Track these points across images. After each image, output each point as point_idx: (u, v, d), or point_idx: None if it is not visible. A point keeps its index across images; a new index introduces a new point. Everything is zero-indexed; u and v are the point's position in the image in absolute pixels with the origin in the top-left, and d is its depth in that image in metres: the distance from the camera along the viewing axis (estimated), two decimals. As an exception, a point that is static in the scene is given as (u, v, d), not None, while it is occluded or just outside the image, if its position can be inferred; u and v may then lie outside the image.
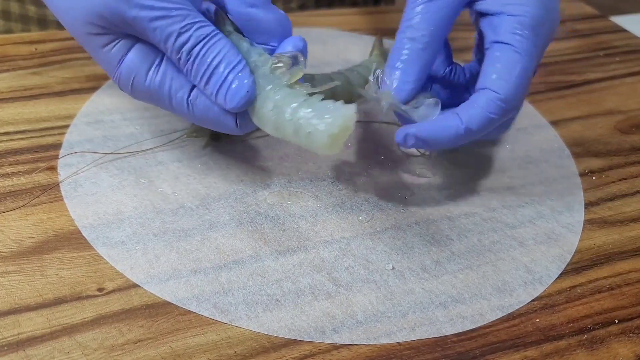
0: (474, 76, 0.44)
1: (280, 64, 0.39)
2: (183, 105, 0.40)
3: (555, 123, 0.56)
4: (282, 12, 0.41)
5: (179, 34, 0.37)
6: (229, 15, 0.40)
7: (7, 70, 0.53)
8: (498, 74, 0.40)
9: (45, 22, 0.65)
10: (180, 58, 0.38)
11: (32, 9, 0.65)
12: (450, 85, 0.45)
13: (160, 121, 0.50)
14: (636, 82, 0.63)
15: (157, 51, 0.39)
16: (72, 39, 0.57)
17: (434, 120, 0.40)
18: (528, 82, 0.41)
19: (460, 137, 0.40)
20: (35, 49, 0.56)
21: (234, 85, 0.38)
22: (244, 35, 0.40)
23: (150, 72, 0.39)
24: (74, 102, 0.51)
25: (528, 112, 0.57)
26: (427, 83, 0.44)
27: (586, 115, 0.57)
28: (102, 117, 0.49)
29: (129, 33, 0.38)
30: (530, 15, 0.40)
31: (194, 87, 0.39)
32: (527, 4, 0.41)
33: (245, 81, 0.38)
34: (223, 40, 0.38)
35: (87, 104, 0.51)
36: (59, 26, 0.65)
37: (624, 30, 0.72)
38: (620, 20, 0.75)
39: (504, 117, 0.41)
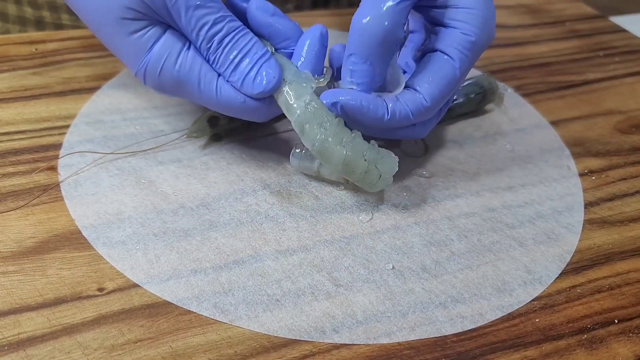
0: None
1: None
2: (212, 88, 0.42)
3: (555, 123, 0.56)
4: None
5: (213, 24, 0.40)
6: (249, 23, 0.43)
7: (8, 71, 0.53)
8: (430, 83, 0.42)
9: (42, 23, 0.65)
10: (210, 47, 0.41)
11: (29, 11, 0.65)
12: None
13: (160, 121, 0.50)
14: (636, 82, 0.63)
15: (184, 38, 0.42)
16: (72, 39, 0.57)
17: (362, 100, 0.41)
18: (453, 92, 0.45)
19: (381, 122, 0.42)
20: (36, 49, 0.56)
21: (263, 72, 0.41)
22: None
23: (181, 56, 0.41)
24: (74, 102, 0.51)
25: (528, 112, 0.57)
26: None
27: (586, 115, 0.57)
28: (102, 117, 0.49)
29: (162, 20, 0.41)
30: (476, 37, 0.43)
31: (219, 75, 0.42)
32: (476, 25, 0.43)
33: (271, 70, 0.41)
34: (251, 34, 0.42)
35: (87, 104, 0.51)
36: (56, 27, 0.65)
37: (623, 31, 0.72)
38: (620, 20, 0.75)
39: (422, 118, 0.43)
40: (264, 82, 0.41)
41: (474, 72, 0.60)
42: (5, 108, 0.49)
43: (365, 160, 0.42)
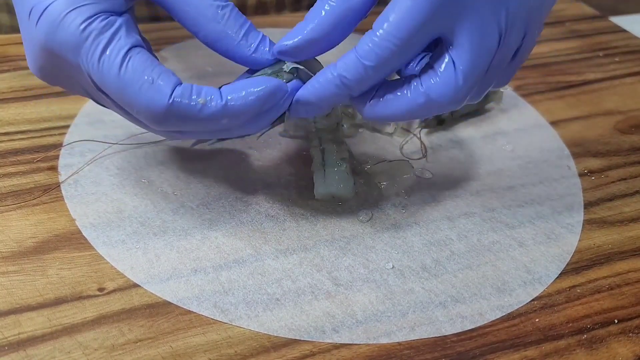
0: None
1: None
2: None
3: (555, 123, 0.56)
4: None
5: None
6: None
7: (8, 70, 0.53)
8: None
9: None
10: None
11: None
12: None
13: (161, 121, 0.50)
14: (636, 82, 0.63)
15: None
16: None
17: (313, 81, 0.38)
18: None
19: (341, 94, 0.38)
20: (36, 49, 0.56)
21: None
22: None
23: None
24: (74, 102, 0.51)
25: (528, 112, 0.57)
26: None
27: (586, 116, 0.57)
28: (103, 117, 0.49)
29: None
30: None
31: None
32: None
33: None
34: None
35: (87, 104, 0.51)
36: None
37: (623, 31, 0.72)
38: (620, 20, 0.75)
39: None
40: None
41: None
42: (5, 108, 0.49)
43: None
